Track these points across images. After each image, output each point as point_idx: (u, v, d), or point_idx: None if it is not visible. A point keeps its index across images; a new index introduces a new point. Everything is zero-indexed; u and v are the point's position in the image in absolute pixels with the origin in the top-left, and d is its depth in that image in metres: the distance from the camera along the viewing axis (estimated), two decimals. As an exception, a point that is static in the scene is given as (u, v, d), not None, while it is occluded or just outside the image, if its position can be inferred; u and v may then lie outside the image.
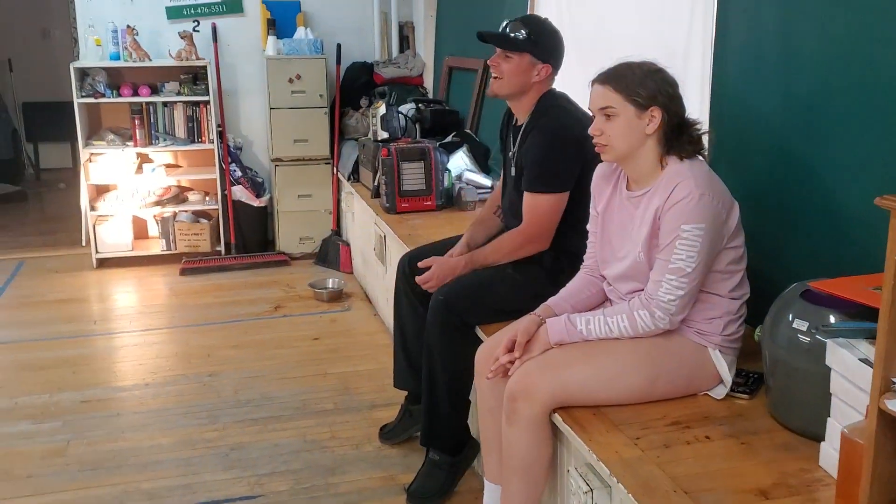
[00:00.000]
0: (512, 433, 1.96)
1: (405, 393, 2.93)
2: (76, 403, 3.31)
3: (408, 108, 4.53)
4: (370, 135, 4.51)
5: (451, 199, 3.84)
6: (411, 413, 2.91)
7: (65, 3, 5.23)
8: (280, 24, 5.28)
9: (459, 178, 3.90)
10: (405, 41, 5.50)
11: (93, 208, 5.12)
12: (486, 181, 3.89)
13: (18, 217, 6.56)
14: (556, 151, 2.38)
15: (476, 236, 2.70)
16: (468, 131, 4.34)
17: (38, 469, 2.82)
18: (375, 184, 4.05)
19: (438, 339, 2.46)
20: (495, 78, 2.49)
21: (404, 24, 5.50)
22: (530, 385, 1.94)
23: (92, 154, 5.09)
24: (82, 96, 4.95)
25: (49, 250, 5.50)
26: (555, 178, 2.41)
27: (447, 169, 3.86)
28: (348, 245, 5.07)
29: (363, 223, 4.48)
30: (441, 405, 2.52)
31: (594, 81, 1.98)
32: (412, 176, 3.74)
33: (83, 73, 5.00)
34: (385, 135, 4.22)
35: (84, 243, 5.32)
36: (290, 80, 5.08)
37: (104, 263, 5.16)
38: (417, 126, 4.30)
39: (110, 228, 5.16)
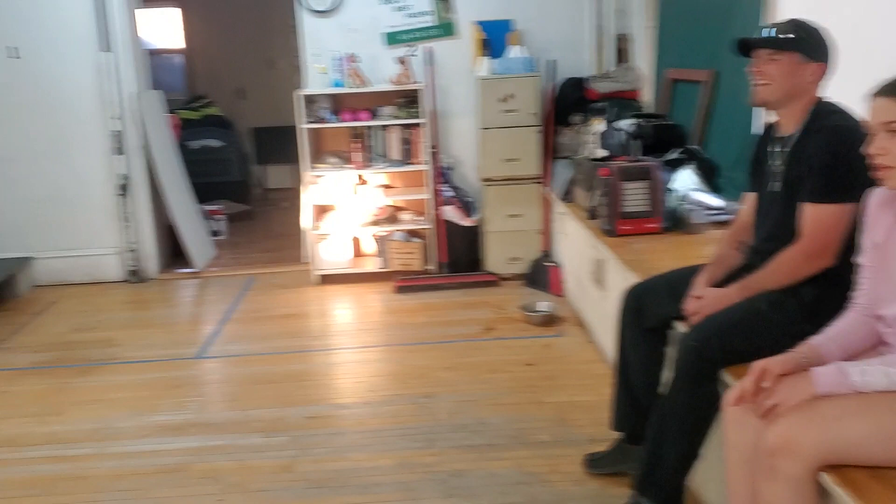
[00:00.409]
0: (771, 492, 1.74)
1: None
2: (301, 419, 3.42)
3: (626, 123, 4.32)
4: (585, 152, 4.36)
5: (676, 222, 3.59)
6: (624, 451, 2.78)
7: (287, 35, 5.56)
8: (493, 43, 5.29)
9: (686, 198, 3.63)
10: (620, 54, 5.30)
11: (314, 227, 5.38)
12: (717, 201, 3.59)
13: (247, 234, 7.04)
14: (848, 155, 2.09)
15: (716, 276, 2.47)
16: (695, 147, 4.06)
17: (269, 484, 2.92)
18: (593, 204, 3.89)
19: (686, 389, 2.25)
20: (764, 84, 2.26)
21: (620, 36, 5.30)
22: (794, 439, 1.71)
23: (315, 176, 5.35)
24: (308, 122, 5.21)
25: (275, 266, 5.84)
26: (845, 185, 2.13)
27: (672, 188, 3.62)
28: (559, 267, 4.94)
29: (578, 245, 4.33)
30: (668, 457, 2.35)
31: (877, 94, 1.72)
32: (634, 196, 3.53)
33: (309, 100, 5.26)
34: (603, 152, 4.05)
35: (305, 260, 5.59)
36: (503, 100, 5.05)
37: (324, 280, 5.38)
38: (639, 142, 4.07)
39: (330, 246, 5.40)
